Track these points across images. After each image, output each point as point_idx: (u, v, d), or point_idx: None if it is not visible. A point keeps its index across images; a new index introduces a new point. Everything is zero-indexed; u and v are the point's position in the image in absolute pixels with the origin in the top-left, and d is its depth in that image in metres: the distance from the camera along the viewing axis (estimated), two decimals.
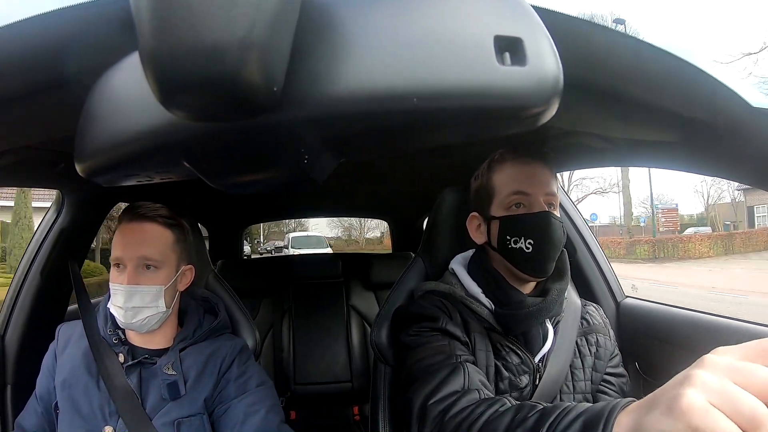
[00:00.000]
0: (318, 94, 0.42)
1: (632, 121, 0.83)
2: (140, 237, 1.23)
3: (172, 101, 0.40)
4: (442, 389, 1.04)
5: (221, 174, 0.55)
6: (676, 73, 0.67)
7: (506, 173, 1.22)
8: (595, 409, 0.73)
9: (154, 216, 1.26)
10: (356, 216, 4.69)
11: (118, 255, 1.22)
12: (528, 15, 0.44)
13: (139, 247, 1.22)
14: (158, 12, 0.36)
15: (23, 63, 0.58)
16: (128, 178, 0.60)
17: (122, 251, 1.22)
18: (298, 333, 2.88)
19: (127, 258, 1.21)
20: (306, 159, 0.48)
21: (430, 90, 0.42)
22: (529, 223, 1.17)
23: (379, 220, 4.29)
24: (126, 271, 1.20)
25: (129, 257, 1.21)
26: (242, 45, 0.36)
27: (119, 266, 1.22)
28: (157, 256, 1.23)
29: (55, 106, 0.68)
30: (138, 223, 1.24)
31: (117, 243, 1.23)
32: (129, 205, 1.29)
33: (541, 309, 1.17)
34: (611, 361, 1.31)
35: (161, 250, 1.25)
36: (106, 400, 1.20)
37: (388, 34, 0.42)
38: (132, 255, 1.21)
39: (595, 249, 1.79)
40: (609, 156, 1.31)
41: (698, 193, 44.20)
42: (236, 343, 1.36)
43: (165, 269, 1.25)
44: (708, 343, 0.65)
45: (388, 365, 1.38)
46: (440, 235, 1.48)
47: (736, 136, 0.78)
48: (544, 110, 0.44)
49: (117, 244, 1.23)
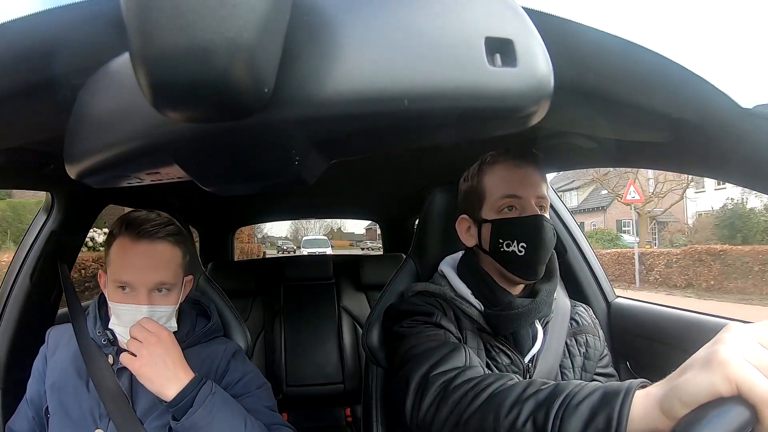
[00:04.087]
0: (309, 95, 0.42)
1: (622, 121, 0.83)
2: (154, 261, 1.16)
3: (162, 102, 0.40)
4: (443, 364, 1.03)
5: (211, 175, 0.54)
6: (666, 74, 0.67)
7: (497, 176, 1.22)
8: (614, 384, 0.74)
9: (165, 236, 1.18)
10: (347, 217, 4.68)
11: (129, 280, 1.15)
12: (518, 16, 0.44)
13: (153, 272, 1.16)
14: (148, 13, 0.35)
15: (11, 63, 0.58)
16: (118, 179, 0.59)
17: (134, 277, 1.15)
18: (290, 334, 2.88)
19: (140, 282, 1.15)
20: (296, 160, 0.48)
21: (421, 91, 0.42)
22: (522, 227, 1.17)
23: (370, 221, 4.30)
24: (137, 296, 1.15)
25: (142, 283, 1.15)
26: (232, 46, 0.36)
27: (125, 288, 1.16)
28: (171, 279, 1.19)
29: (44, 107, 0.67)
30: (149, 244, 1.16)
31: (125, 265, 1.15)
32: (130, 218, 1.19)
33: (530, 310, 1.18)
34: (601, 361, 1.32)
35: (174, 271, 1.20)
36: (96, 403, 1.19)
37: (380, 35, 0.42)
38: (146, 281, 1.15)
39: (586, 249, 1.80)
40: (598, 156, 1.32)
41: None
42: (230, 346, 1.35)
43: (176, 288, 1.22)
44: (698, 341, 0.66)
45: (380, 367, 1.38)
46: (431, 236, 1.48)
47: (725, 137, 0.79)
48: (535, 111, 0.45)
49: (126, 267, 1.15)
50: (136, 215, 1.19)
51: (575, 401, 0.75)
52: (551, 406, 0.77)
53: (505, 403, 0.84)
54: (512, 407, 0.82)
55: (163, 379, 1.10)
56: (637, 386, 0.70)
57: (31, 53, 0.57)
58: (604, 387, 0.75)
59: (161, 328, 1.14)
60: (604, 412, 0.70)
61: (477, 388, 0.91)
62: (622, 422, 0.67)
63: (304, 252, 23.43)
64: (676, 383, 0.63)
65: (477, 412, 0.88)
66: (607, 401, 0.71)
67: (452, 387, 0.95)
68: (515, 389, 0.86)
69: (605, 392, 0.73)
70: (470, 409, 0.89)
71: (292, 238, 43.90)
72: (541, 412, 0.78)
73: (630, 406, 0.68)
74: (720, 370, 0.58)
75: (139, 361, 1.11)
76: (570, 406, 0.75)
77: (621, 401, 0.69)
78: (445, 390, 0.96)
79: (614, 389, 0.72)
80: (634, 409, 0.67)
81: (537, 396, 0.81)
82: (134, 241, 1.16)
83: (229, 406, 1.16)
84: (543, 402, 0.79)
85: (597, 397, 0.73)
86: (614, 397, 0.70)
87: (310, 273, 3.07)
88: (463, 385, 0.94)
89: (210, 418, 1.09)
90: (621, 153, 1.17)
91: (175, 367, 1.12)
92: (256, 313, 2.91)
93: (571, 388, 0.79)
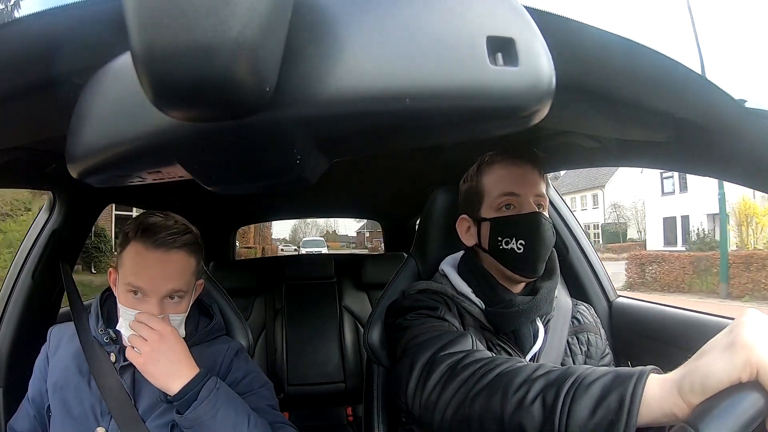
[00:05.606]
0: (311, 94, 0.42)
1: (624, 121, 0.83)
2: (169, 270, 1.17)
3: (164, 101, 0.40)
4: (451, 347, 1.02)
5: (213, 174, 0.54)
6: (668, 74, 0.67)
7: (496, 175, 1.22)
8: (627, 368, 0.73)
9: (181, 245, 1.18)
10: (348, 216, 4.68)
11: (142, 286, 1.15)
12: (520, 15, 0.44)
13: (168, 281, 1.17)
14: (150, 11, 0.35)
15: (13, 62, 0.58)
16: (120, 179, 0.59)
17: (148, 283, 1.15)
18: (291, 333, 2.88)
19: (153, 291, 1.16)
20: (298, 159, 0.48)
21: (423, 90, 0.42)
22: (520, 224, 1.17)
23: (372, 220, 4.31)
24: (150, 302, 1.16)
25: (155, 290, 1.16)
26: (234, 45, 0.36)
27: (137, 293, 1.17)
28: (184, 288, 1.20)
29: (46, 106, 0.67)
30: (165, 253, 1.16)
31: (139, 272, 1.16)
32: (147, 223, 1.18)
33: (531, 308, 1.18)
34: (602, 360, 1.32)
35: (187, 280, 1.21)
36: (98, 400, 1.19)
37: (381, 34, 0.42)
38: (159, 288, 1.16)
39: (587, 249, 1.80)
40: (600, 156, 1.32)
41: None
42: (233, 345, 1.36)
43: (188, 296, 1.23)
44: (699, 340, 0.65)
45: (381, 366, 1.38)
46: (432, 235, 1.49)
47: (727, 136, 0.79)
48: (537, 110, 0.44)
49: (139, 273, 1.16)
50: (153, 221, 1.19)
51: (587, 381, 0.74)
52: (562, 385, 0.76)
53: (514, 382, 0.83)
54: (520, 386, 0.81)
55: (167, 374, 1.11)
56: (651, 370, 0.69)
57: (32, 53, 0.57)
58: (617, 370, 0.74)
59: (165, 324, 1.14)
60: (616, 392, 0.69)
61: (485, 368, 0.90)
62: (635, 402, 0.66)
63: (303, 251, 26.77)
64: (695, 366, 0.62)
65: (484, 390, 0.86)
66: (620, 382, 0.70)
67: (460, 366, 0.94)
68: (525, 369, 0.85)
69: (618, 374, 0.72)
70: (477, 387, 0.88)
71: (291, 239, 45.70)
72: (551, 391, 0.77)
73: (644, 387, 0.67)
74: (743, 352, 0.58)
75: (143, 358, 1.11)
76: (581, 386, 0.74)
77: (635, 382, 0.68)
78: (453, 370, 0.95)
79: (627, 371, 0.71)
80: (648, 391, 0.66)
81: (548, 376, 0.80)
82: (149, 249, 1.15)
83: (234, 402, 1.16)
84: (553, 381, 0.78)
85: (609, 378, 0.72)
86: (628, 378, 0.69)
87: (312, 272, 3.07)
88: (472, 365, 0.93)
89: (214, 412, 1.10)
90: (623, 152, 1.16)
91: (179, 362, 1.12)
92: (257, 312, 2.92)
93: (582, 369, 0.78)
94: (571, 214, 1.84)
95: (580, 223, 1.86)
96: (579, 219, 1.88)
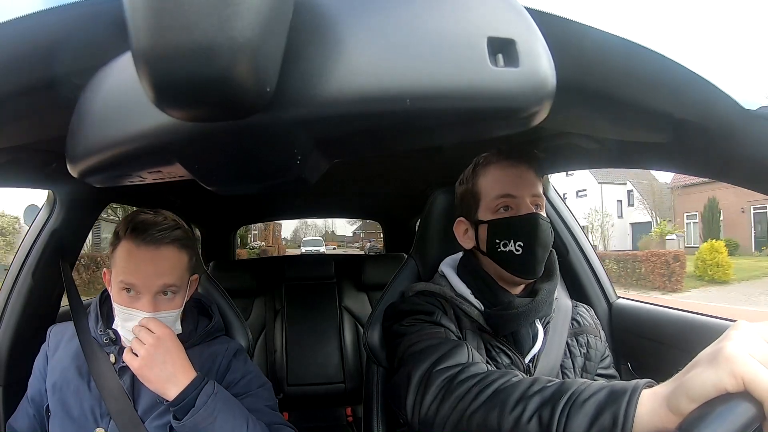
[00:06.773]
0: (311, 94, 0.42)
1: (624, 122, 0.83)
2: (160, 266, 1.16)
3: (165, 101, 0.40)
4: (446, 360, 1.02)
5: (213, 174, 0.54)
6: (668, 75, 0.67)
7: (492, 177, 1.22)
8: (621, 382, 0.75)
9: (171, 241, 1.18)
10: (349, 217, 4.68)
11: (134, 283, 1.15)
12: (521, 16, 0.44)
13: (159, 277, 1.16)
14: (151, 12, 0.36)
15: (14, 62, 0.58)
16: (121, 178, 0.59)
17: (140, 280, 1.15)
18: (291, 334, 2.87)
19: (145, 287, 1.15)
20: (298, 159, 0.48)
21: (423, 91, 0.42)
22: (517, 226, 1.17)
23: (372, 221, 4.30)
24: (143, 299, 1.15)
25: (147, 287, 1.15)
26: (235, 45, 0.36)
27: (130, 290, 1.16)
28: (177, 282, 1.19)
29: (47, 106, 0.67)
30: (155, 249, 1.16)
31: (131, 270, 1.15)
32: (136, 221, 1.18)
33: (530, 309, 1.17)
34: (602, 362, 1.31)
35: (180, 275, 1.20)
36: (97, 402, 1.19)
37: (382, 35, 0.42)
38: (152, 285, 1.15)
39: (587, 250, 1.79)
40: (600, 157, 1.31)
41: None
42: (232, 345, 1.35)
43: (182, 291, 1.23)
44: (699, 342, 0.66)
45: (381, 366, 1.38)
46: (432, 236, 1.48)
47: (727, 137, 0.79)
48: (537, 111, 0.44)
49: (131, 271, 1.15)
50: (143, 218, 1.19)
51: (581, 399, 0.75)
52: (557, 403, 0.77)
53: (510, 399, 0.84)
54: (517, 403, 0.82)
55: (161, 380, 1.10)
56: (644, 385, 0.70)
57: (32, 53, 0.57)
58: (611, 385, 0.75)
59: (164, 327, 1.14)
60: (610, 409, 0.70)
61: (481, 384, 0.91)
62: (628, 420, 0.67)
63: (302, 250, 30.27)
64: (683, 380, 0.63)
65: (481, 408, 0.87)
66: (613, 399, 0.71)
67: (456, 382, 0.95)
68: (520, 386, 0.85)
69: (612, 390, 0.73)
70: (474, 405, 0.88)
71: (291, 239, 46.87)
72: (546, 409, 0.78)
73: (636, 404, 0.68)
74: (726, 365, 0.59)
75: (139, 361, 1.11)
76: (576, 404, 0.75)
77: (628, 399, 0.69)
78: (449, 385, 0.95)
79: (621, 388, 0.72)
80: (640, 408, 0.68)
81: (543, 393, 0.81)
82: (140, 247, 1.15)
83: (232, 406, 1.15)
84: (549, 399, 0.79)
85: (603, 395, 0.73)
86: (621, 395, 0.70)
87: (312, 272, 3.07)
88: (467, 380, 0.94)
89: (212, 419, 1.09)
90: (623, 153, 1.16)
91: (174, 367, 1.12)
92: (257, 312, 2.91)
93: (576, 386, 0.79)
94: (570, 214, 1.83)
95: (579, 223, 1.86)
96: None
